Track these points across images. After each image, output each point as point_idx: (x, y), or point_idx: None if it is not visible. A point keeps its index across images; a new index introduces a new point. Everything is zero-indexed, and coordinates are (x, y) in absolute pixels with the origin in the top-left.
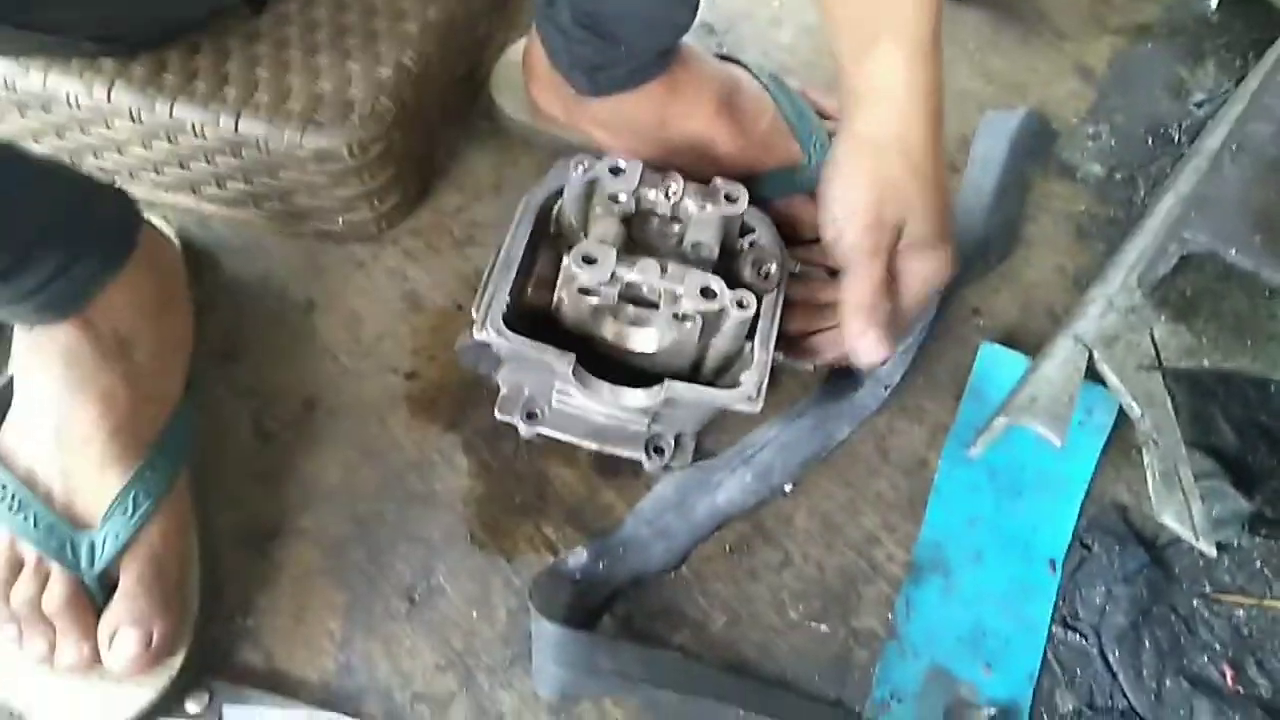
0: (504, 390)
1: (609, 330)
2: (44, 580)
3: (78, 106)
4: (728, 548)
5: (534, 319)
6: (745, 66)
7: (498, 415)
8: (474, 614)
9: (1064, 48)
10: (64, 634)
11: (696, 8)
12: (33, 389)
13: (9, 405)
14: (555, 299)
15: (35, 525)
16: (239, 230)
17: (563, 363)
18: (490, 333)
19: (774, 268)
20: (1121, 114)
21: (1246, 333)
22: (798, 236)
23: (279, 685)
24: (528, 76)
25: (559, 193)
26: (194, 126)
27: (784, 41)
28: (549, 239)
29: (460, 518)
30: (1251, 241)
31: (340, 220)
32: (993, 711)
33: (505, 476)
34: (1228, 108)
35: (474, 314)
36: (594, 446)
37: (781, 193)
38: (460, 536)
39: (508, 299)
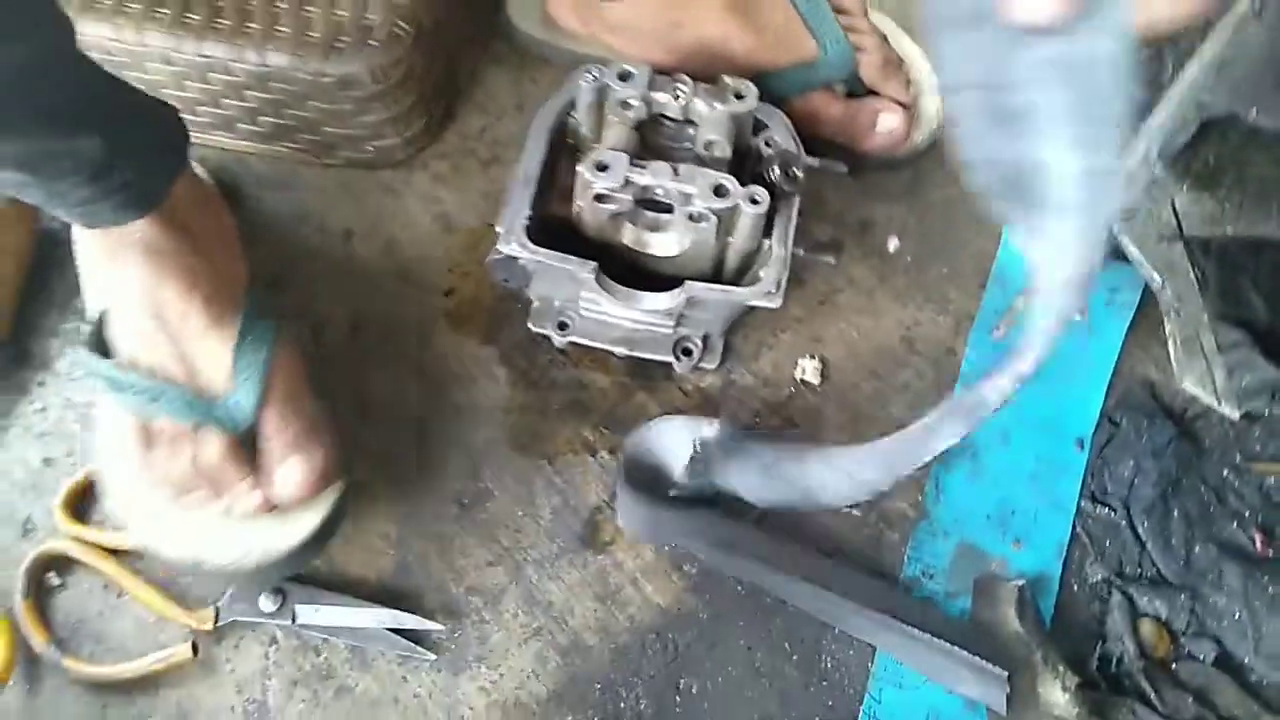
0: (535, 303)
1: (628, 236)
2: (197, 446)
3: (111, 53)
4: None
5: (559, 231)
6: None
7: (531, 326)
8: (519, 513)
9: None
10: (232, 485)
11: None
12: (119, 289)
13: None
14: (575, 208)
15: (175, 406)
16: (275, 165)
17: (585, 270)
18: (514, 246)
19: (797, 169)
20: None
21: (1272, 198)
22: (817, 133)
23: (342, 587)
24: None
25: (573, 105)
26: (222, 64)
27: None
28: (567, 151)
29: (502, 425)
30: (1274, 100)
31: (369, 147)
32: (1021, 580)
33: (542, 384)
34: None
35: (498, 229)
36: (624, 352)
37: (799, 90)
38: (503, 442)
39: (530, 212)
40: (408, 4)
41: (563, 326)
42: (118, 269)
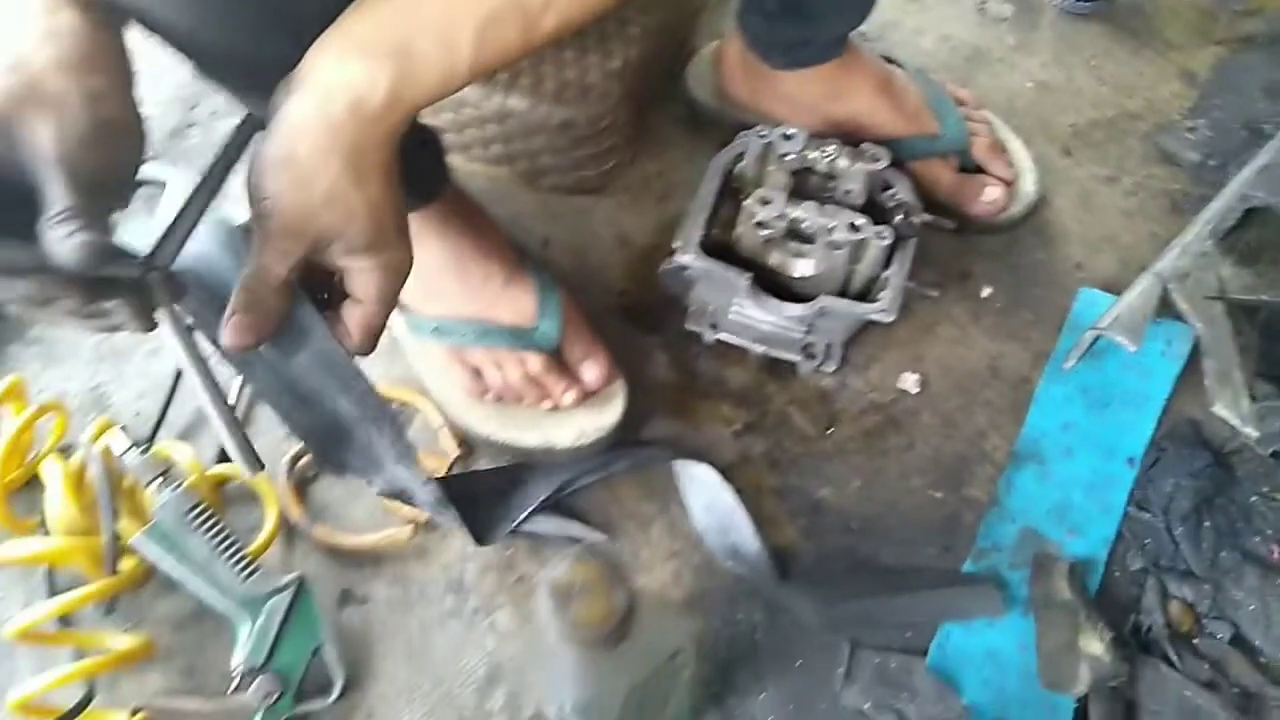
0: (692, 306)
1: (774, 259)
2: (522, 364)
3: None
4: (864, 432)
5: (717, 252)
6: (896, 62)
7: (688, 325)
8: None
9: (1171, 56)
10: (555, 385)
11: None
12: (426, 259)
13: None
14: (735, 234)
15: (500, 339)
16: (494, 184)
17: (742, 280)
18: (689, 256)
19: (914, 218)
20: (1220, 111)
21: None
22: (931, 195)
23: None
24: (718, 68)
25: (740, 155)
26: (473, 101)
27: (926, 47)
28: (729, 192)
29: (659, 396)
30: None
31: (571, 177)
32: (1073, 560)
33: (693, 370)
34: None
35: (675, 244)
36: (761, 350)
37: (921, 157)
38: (658, 408)
39: (703, 231)
40: (617, 71)
41: (713, 326)
42: (418, 246)
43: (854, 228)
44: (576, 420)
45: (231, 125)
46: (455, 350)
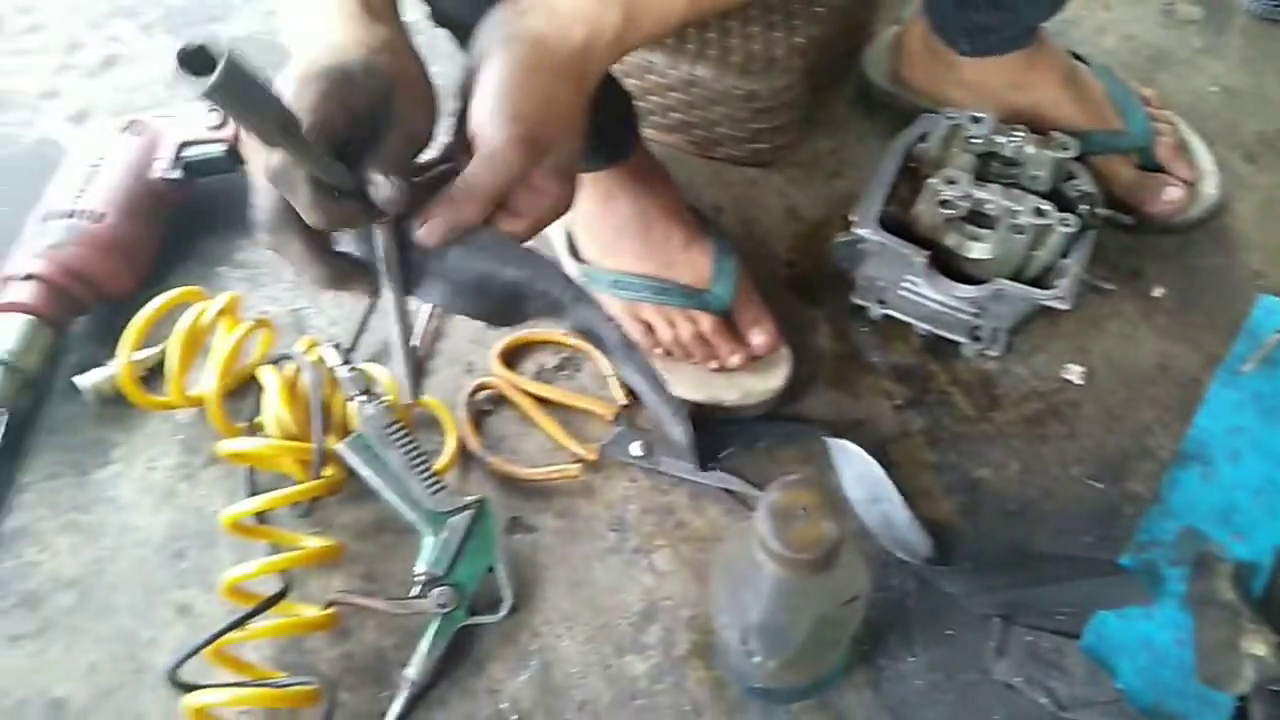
0: (861, 282)
1: (952, 240)
2: (694, 323)
3: None
4: (1025, 418)
5: (891, 229)
6: (1080, 58)
7: (854, 299)
8: (826, 431)
9: None
10: (724, 346)
11: None
12: (603, 214)
13: None
14: (913, 212)
15: (676, 298)
16: (669, 152)
17: (919, 257)
18: (867, 230)
19: (1099, 210)
20: None
21: None
22: (1109, 191)
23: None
24: (897, 52)
25: (923, 136)
26: (660, 69)
27: (1107, 46)
28: (907, 172)
29: (821, 366)
30: None
31: (746, 148)
32: (1238, 562)
33: (856, 343)
34: None
35: (853, 218)
36: (926, 329)
37: (1102, 152)
38: (820, 379)
39: (880, 207)
40: (800, 47)
41: (880, 302)
42: (607, 203)
43: (1040, 213)
44: (742, 381)
45: None
46: (630, 305)
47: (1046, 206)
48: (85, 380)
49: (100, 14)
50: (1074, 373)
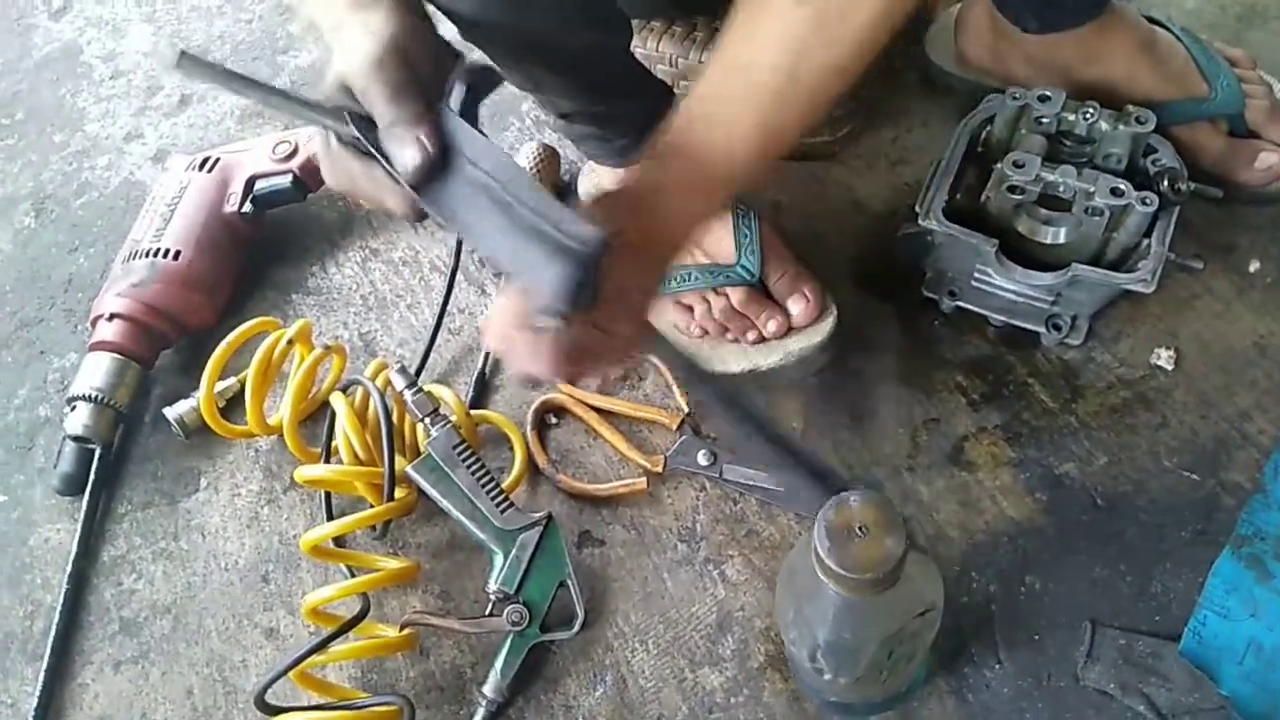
0: (929, 273)
1: (1024, 226)
2: (726, 298)
3: None
4: (1111, 408)
5: (958, 219)
6: (1158, 22)
7: (924, 292)
8: (900, 430)
9: None
10: (759, 315)
11: None
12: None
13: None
14: (983, 198)
15: (703, 276)
16: None
17: (988, 246)
18: (933, 221)
19: (1182, 185)
20: None
21: None
22: (1195, 161)
23: (758, 462)
24: (960, 33)
25: (989, 120)
26: (671, 59)
27: (1189, 6)
28: (974, 158)
29: (891, 363)
30: None
31: (805, 142)
32: None
33: (927, 337)
34: None
35: (917, 209)
36: (1001, 319)
37: (1186, 120)
38: (891, 376)
39: (947, 196)
40: None
41: (951, 294)
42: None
43: (1116, 193)
44: (782, 343)
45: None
46: (671, 296)
47: (1123, 186)
48: (172, 412)
49: (174, 56)
50: (1163, 358)
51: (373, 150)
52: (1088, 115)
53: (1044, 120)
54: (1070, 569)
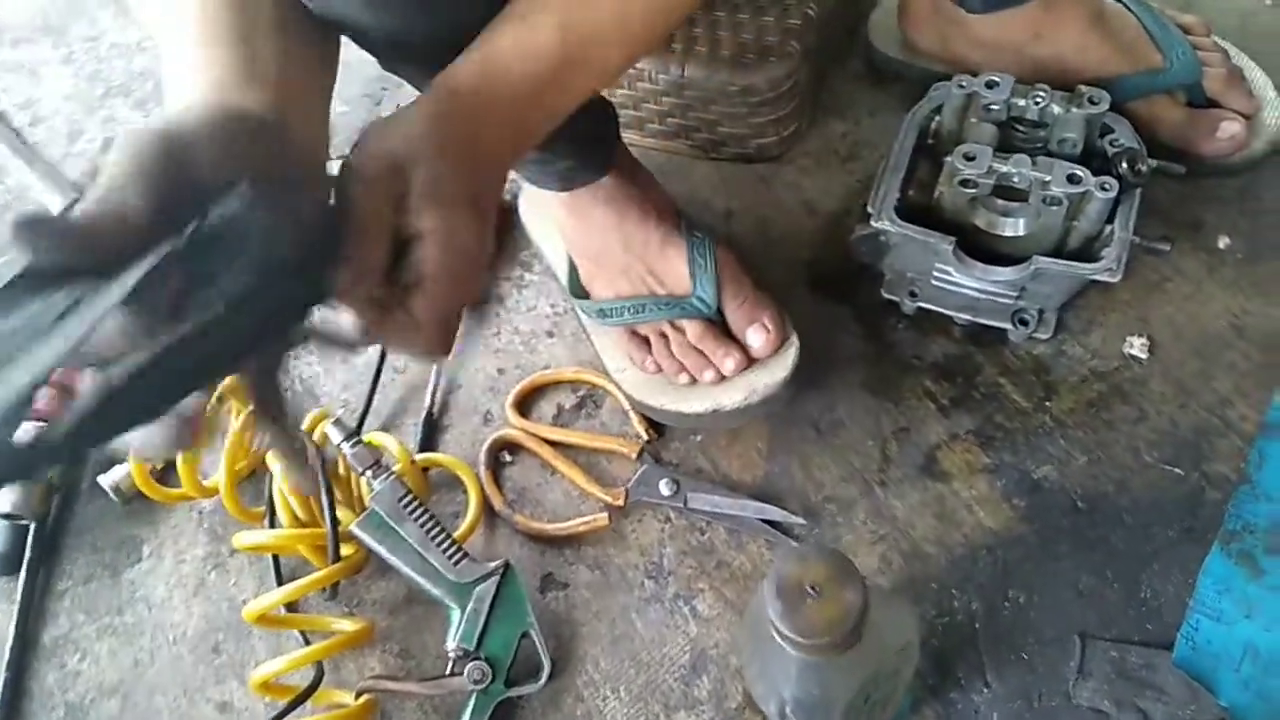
0: (888, 275)
1: (981, 219)
2: (682, 333)
3: None
4: (1086, 403)
5: (911, 216)
6: None
7: (884, 294)
8: (869, 442)
9: None
10: (716, 352)
11: None
12: (589, 235)
13: None
14: (936, 194)
15: (658, 311)
16: (671, 159)
17: (945, 244)
18: (885, 222)
19: (1142, 166)
20: None
21: None
22: (1155, 136)
23: (723, 484)
24: (904, 19)
25: (937, 110)
26: (649, 74)
27: None
28: (925, 151)
29: (854, 371)
30: None
31: (752, 145)
32: None
33: (890, 341)
34: None
35: (869, 209)
36: (966, 318)
37: (1142, 94)
38: (855, 384)
39: (897, 194)
40: (798, 28)
41: (912, 295)
42: (585, 221)
43: (1073, 180)
44: (745, 380)
45: None
46: (626, 328)
47: (1080, 173)
48: (107, 480)
49: (95, 97)
50: (1136, 346)
51: None
52: (1038, 100)
53: (993, 107)
54: (1055, 579)
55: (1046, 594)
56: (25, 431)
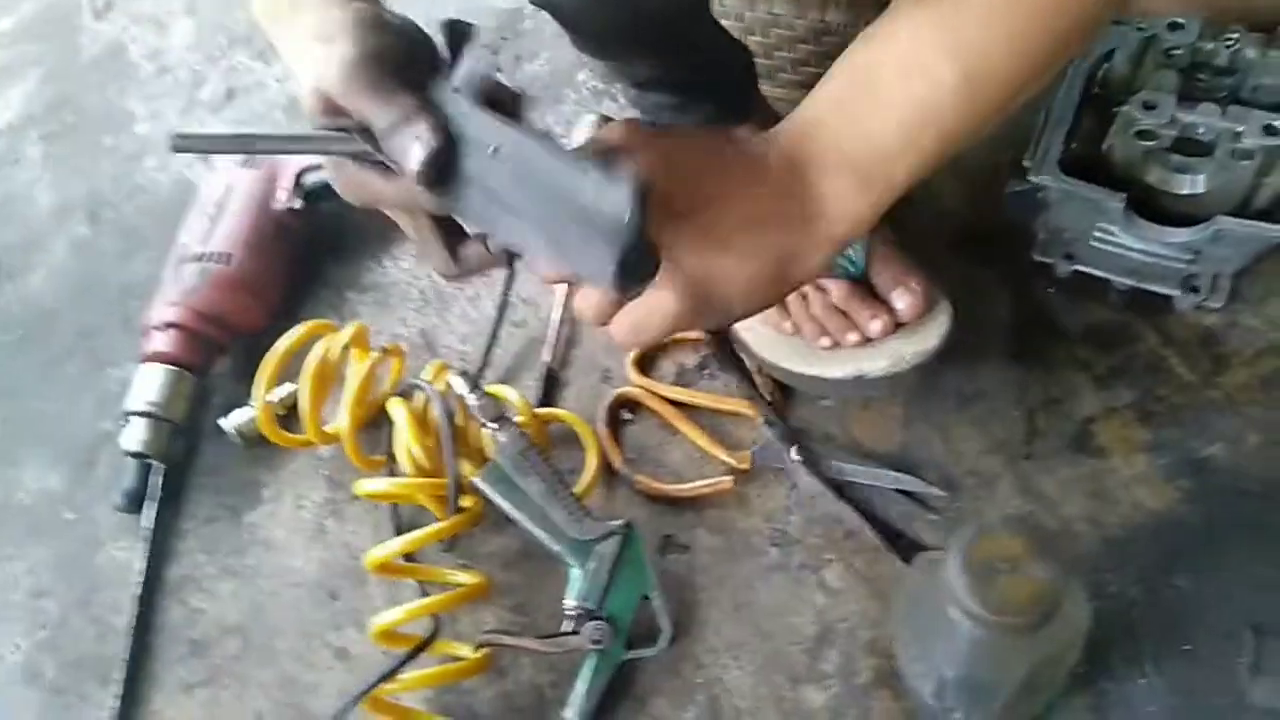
0: (1042, 234)
1: (1154, 175)
2: (826, 294)
3: None
4: (1261, 379)
5: (1075, 170)
6: None
7: (1037, 256)
8: (1014, 413)
9: None
10: (861, 312)
11: None
12: None
13: None
14: (1105, 146)
15: None
16: None
17: (1115, 201)
18: (1046, 177)
19: None
20: None
21: None
22: None
23: (856, 452)
24: None
25: (1106, 56)
26: (786, 20)
27: None
28: (1091, 100)
29: (1001, 337)
30: None
31: None
32: None
33: (1042, 307)
34: None
35: (1026, 162)
36: (1129, 283)
37: None
38: (1001, 351)
39: (1061, 147)
40: None
41: (1068, 256)
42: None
43: (1272, 131)
44: (891, 346)
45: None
46: None
47: (1279, 122)
48: (229, 423)
49: (219, 46)
50: None
51: (386, 161)
52: (1229, 43)
53: (1176, 52)
54: (1225, 567)
55: (1215, 582)
56: None
